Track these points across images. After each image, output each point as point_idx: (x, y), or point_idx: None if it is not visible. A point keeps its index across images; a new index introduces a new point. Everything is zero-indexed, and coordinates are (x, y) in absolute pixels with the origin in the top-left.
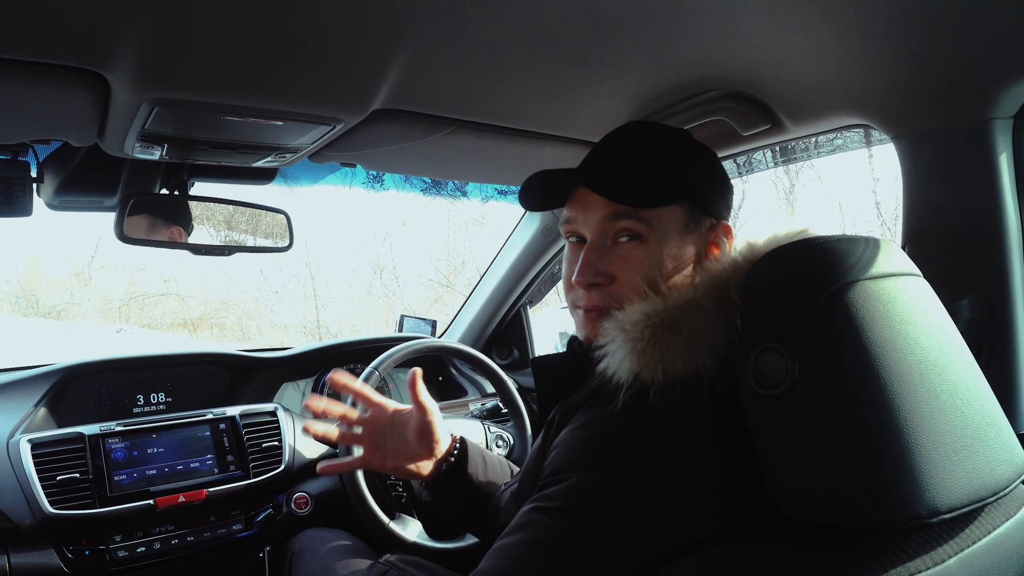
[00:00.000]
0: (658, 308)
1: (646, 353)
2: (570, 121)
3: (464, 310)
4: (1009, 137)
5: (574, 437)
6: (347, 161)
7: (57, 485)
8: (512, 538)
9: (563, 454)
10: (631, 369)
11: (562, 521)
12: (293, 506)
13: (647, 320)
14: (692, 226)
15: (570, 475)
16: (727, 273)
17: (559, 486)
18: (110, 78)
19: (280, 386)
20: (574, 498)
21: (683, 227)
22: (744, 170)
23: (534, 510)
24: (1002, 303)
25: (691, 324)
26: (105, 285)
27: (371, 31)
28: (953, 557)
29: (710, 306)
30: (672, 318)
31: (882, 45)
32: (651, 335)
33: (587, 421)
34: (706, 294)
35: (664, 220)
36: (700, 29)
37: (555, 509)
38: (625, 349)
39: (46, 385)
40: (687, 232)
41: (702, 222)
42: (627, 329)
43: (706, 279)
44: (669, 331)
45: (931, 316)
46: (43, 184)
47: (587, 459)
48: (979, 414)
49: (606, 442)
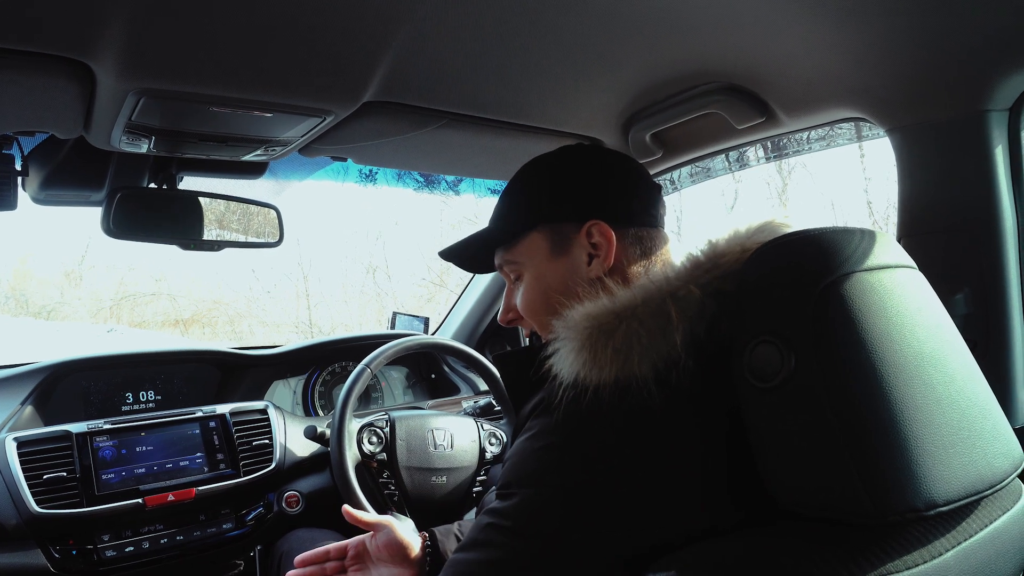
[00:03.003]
0: (600, 310)
1: (582, 354)
2: (564, 115)
3: (457, 307)
4: (1005, 129)
5: (523, 449)
6: (338, 155)
7: (44, 484)
8: (470, 555)
9: (512, 467)
10: (572, 370)
11: (516, 540)
12: (284, 505)
13: (587, 320)
14: (560, 244)
15: (519, 491)
16: (677, 280)
17: (510, 502)
18: (95, 67)
19: (271, 384)
20: (525, 516)
21: (549, 250)
22: (736, 166)
23: (489, 527)
24: (997, 296)
25: (624, 333)
26: (96, 284)
27: (362, 20)
28: (951, 550)
29: (646, 317)
30: (607, 324)
31: (877, 38)
32: (587, 337)
33: (535, 432)
34: (644, 304)
35: (527, 252)
36: (695, 22)
37: (508, 528)
38: (567, 348)
39: (33, 383)
40: (557, 251)
41: (568, 233)
42: (570, 328)
43: (648, 287)
44: (604, 335)
45: (927, 308)
46: (28, 178)
47: (533, 474)
48: (975, 407)
49: (550, 455)
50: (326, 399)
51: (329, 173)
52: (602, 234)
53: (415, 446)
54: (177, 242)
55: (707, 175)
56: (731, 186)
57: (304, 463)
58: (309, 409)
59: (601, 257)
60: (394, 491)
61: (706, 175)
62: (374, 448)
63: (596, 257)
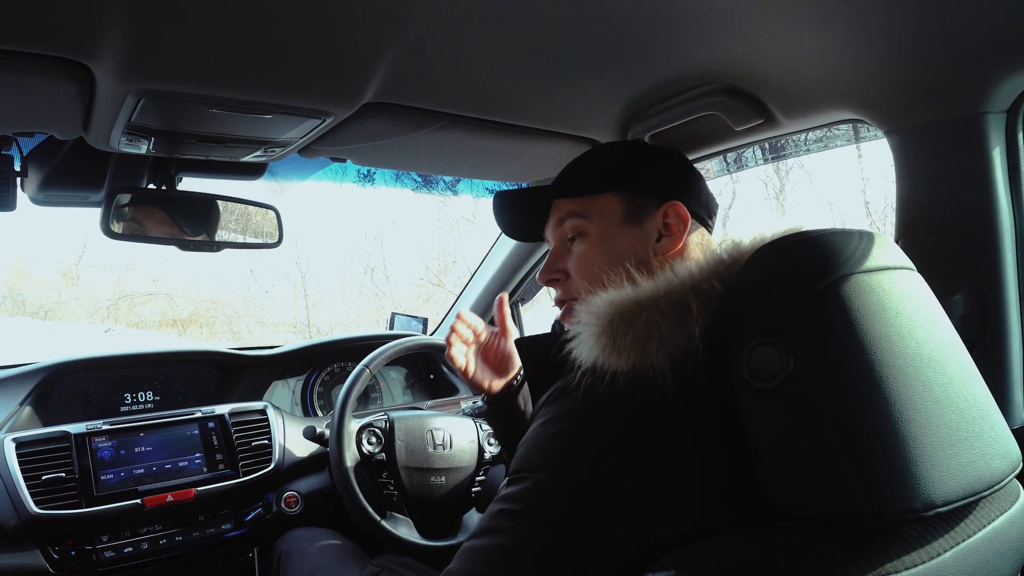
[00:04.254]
0: (623, 298)
1: (602, 339)
2: (563, 116)
3: (455, 308)
4: (1002, 131)
5: (537, 434)
6: (337, 156)
7: (42, 485)
8: (481, 541)
9: (526, 452)
10: (591, 355)
11: (526, 525)
12: (283, 505)
13: (610, 307)
14: (635, 213)
15: (531, 475)
16: (700, 275)
17: (521, 486)
18: (95, 68)
19: (270, 384)
20: (536, 501)
21: (624, 215)
22: (734, 167)
23: (501, 512)
24: (995, 298)
25: (645, 322)
26: (93, 284)
27: (363, 22)
28: (949, 551)
29: (667, 308)
30: (629, 312)
31: (875, 39)
32: (607, 324)
33: (550, 417)
34: (666, 295)
35: (600, 212)
36: (693, 25)
37: (519, 512)
38: (588, 332)
39: (31, 383)
40: (630, 219)
41: (646, 207)
42: (593, 313)
43: (672, 279)
44: (625, 324)
45: (925, 309)
46: (27, 178)
47: (547, 460)
48: (973, 408)
49: (563, 441)
50: (325, 399)
51: (328, 174)
52: (679, 216)
53: (414, 446)
54: (176, 243)
55: (705, 176)
56: (729, 186)
57: (303, 463)
58: (308, 409)
59: (672, 237)
60: (393, 491)
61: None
62: (373, 448)
63: (665, 236)
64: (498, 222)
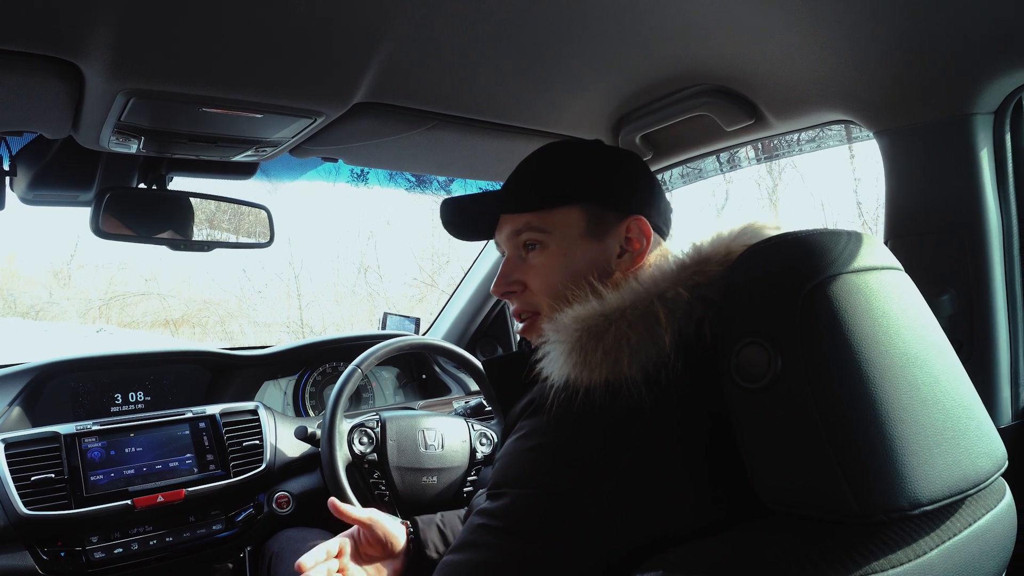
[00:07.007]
0: (590, 313)
1: (572, 356)
2: (553, 116)
3: (448, 308)
4: (990, 132)
5: (513, 449)
6: (329, 156)
7: (32, 485)
8: (461, 556)
9: (503, 468)
10: (563, 372)
11: (506, 540)
12: (275, 505)
13: (577, 324)
14: (596, 227)
15: (509, 491)
16: (665, 282)
17: (500, 502)
18: (84, 67)
19: (261, 384)
20: (514, 516)
21: (585, 229)
22: (726, 167)
23: (481, 527)
24: (982, 298)
25: (614, 336)
26: (85, 284)
27: (353, 21)
28: (935, 549)
29: (635, 319)
30: (597, 326)
31: (865, 40)
32: (576, 339)
33: (525, 432)
34: (632, 306)
35: (559, 225)
36: (684, 25)
37: (498, 528)
38: (557, 350)
39: (20, 383)
40: (592, 234)
41: (608, 220)
42: (560, 331)
43: (637, 289)
44: (594, 339)
45: (912, 310)
46: (16, 177)
47: (524, 475)
48: (960, 407)
49: (541, 456)
50: (317, 399)
51: (320, 173)
52: (642, 232)
53: (406, 446)
54: (167, 243)
55: (699, 176)
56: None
57: (294, 464)
58: (300, 409)
59: (634, 254)
60: (385, 491)
61: (698, 176)
62: (365, 448)
63: (628, 252)
64: (444, 224)
